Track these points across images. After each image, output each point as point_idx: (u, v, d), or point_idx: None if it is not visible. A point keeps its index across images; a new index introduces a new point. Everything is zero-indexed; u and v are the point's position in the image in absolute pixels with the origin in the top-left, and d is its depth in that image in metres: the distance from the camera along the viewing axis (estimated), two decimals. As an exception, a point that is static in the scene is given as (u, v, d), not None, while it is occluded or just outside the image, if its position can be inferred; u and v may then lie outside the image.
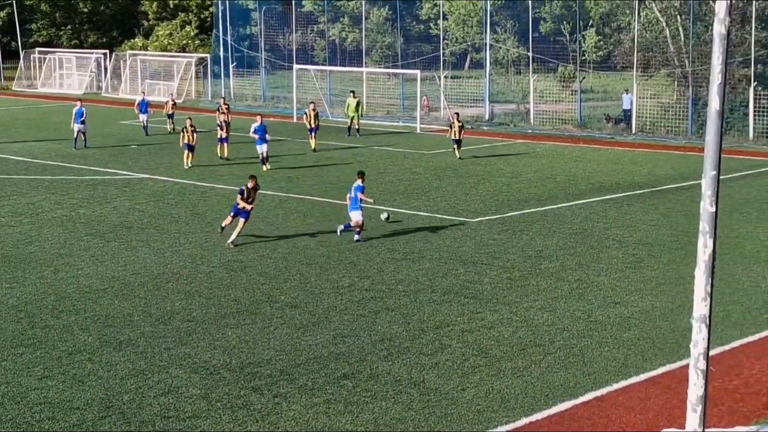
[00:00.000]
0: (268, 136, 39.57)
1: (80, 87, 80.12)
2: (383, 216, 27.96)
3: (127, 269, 23.83)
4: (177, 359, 17.38)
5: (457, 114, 44.30)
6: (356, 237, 26.85)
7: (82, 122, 46.05)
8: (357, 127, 51.46)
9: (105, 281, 22.72)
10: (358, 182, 27.04)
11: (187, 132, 40.04)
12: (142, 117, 51.86)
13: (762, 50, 49.14)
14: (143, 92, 60.55)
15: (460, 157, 41.78)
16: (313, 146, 45.57)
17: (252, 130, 39.98)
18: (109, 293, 21.72)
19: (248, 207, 26.64)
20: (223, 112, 46.93)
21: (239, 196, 26.68)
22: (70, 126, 46.75)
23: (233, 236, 26.24)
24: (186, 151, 40.09)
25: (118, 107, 67.59)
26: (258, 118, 40.63)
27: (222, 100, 51.46)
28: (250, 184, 26.86)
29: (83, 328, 19.26)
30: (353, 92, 53.89)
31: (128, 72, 77.44)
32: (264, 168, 38.94)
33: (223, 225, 27.08)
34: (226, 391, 15.87)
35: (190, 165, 39.85)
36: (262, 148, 39.47)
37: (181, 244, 26.60)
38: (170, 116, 53.06)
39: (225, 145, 42.64)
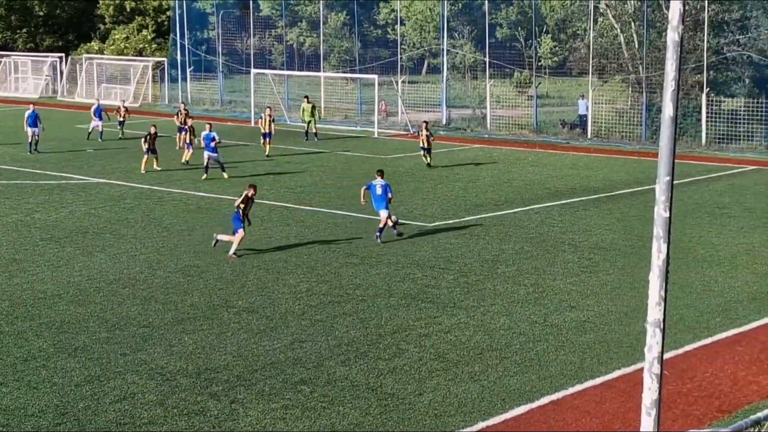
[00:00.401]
0: (212, 144, 38.75)
1: (36, 91, 79.49)
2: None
3: (83, 275, 23.70)
4: (133, 365, 17.31)
5: (426, 123, 43.11)
6: (379, 237, 27.27)
7: (36, 125, 45.65)
8: (314, 131, 51.48)
9: (60, 287, 22.59)
10: (381, 179, 27.77)
11: (150, 137, 39.97)
12: (98, 123, 50.97)
13: (714, 56, 49.63)
14: (98, 99, 60.00)
15: (428, 164, 41.38)
16: (266, 152, 45.40)
17: (201, 137, 39.70)
18: (65, 299, 21.59)
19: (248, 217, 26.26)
20: (185, 116, 46.55)
21: (241, 204, 26.03)
22: (23, 130, 46.37)
23: (233, 248, 25.73)
24: (147, 156, 39.85)
25: (74, 111, 67.15)
26: (207, 126, 40.14)
27: (183, 105, 51.34)
28: (250, 193, 26.43)
29: (38, 334, 19.14)
30: (307, 97, 53.86)
31: (84, 76, 76.94)
32: (224, 175, 38.69)
33: (218, 238, 26.32)
34: (182, 398, 15.83)
35: (153, 168, 39.51)
36: (210, 155, 38.69)
37: (137, 249, 26.49)
38: (121, 123, 52.23)
39: (189, 150, 42.17)
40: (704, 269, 24.51)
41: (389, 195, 27.56)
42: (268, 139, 45.67)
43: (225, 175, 38.20)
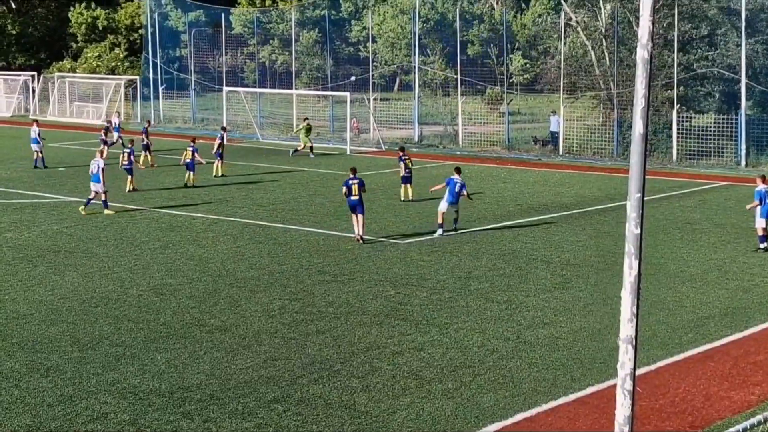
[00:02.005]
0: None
1: (8, 110, 79.15)
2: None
3: (55, 294, 23.58)
4: (106, 385, 17.23)
5: (403, 149, 40.26)
6: (442, 232, 30.42)
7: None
8: (310, 145, 52.07)
9: (32, 306, 22.47)
10: (459, 177, 31.29)
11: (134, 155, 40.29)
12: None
13: (684, 73, 49.97)
14: (148, 121, 57.84)
15: (403, 199, 37.66)
16: (219, 172, 44.50)
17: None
18: (37, 318, 21.48)
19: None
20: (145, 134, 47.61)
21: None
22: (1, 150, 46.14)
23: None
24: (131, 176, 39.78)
25: (46, 129, 66.76)
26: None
27: (148, 123, 51.88)
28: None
29: (10, 354, 19.02)
30: (306, 118, 54.46)
31: (56, 94, 76.68)
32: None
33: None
34: (155, 417, 15.76)
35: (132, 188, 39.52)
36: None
37: (109, 267, 26.39)
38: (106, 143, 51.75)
39: (191, 173, 41.91)
40: (676, 285, 24.63)
41: (464, 192, 31.33)
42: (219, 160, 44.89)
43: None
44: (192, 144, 43.03)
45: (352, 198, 29.76)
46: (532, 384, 17.38)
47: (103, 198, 34.66)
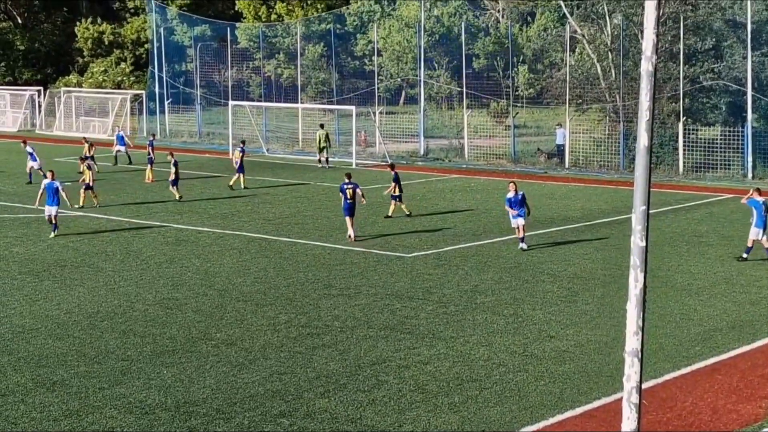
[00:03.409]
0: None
1: (14, 124, 79.33)
2: None
3: (61, 308, 23.58)
4: (112, 399, 17.22)
5: (392, 165, 39.57)
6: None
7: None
8: (326, 157, 53.36)
9: (38, 320, 22.47)
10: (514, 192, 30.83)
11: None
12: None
13: (690, 85, 49.97)
14: (117, 126, 60.11)
15: (387, 216, 36.56)
16: (242, 185, 44.91)
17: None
18: (43, 333, 21.47)
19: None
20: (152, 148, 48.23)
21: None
22: (1, 162, 46.23)
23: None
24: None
25: (52, 144, 66.97)
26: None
27: (152, 137, 52.72)
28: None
29: (16, 368, 19.02)
30: (322, 125, 55.68)
31: (63, 109, 76.84)
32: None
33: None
34: (162, 431, 15.73)
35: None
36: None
37: (115, 282, 26.39)
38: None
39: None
40: (683, 298, 24.58)
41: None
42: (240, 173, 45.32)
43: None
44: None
45: (348, 201, 32.00)
46: (538, 397, 17.34)
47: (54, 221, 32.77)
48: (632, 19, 51.23)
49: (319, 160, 53.30)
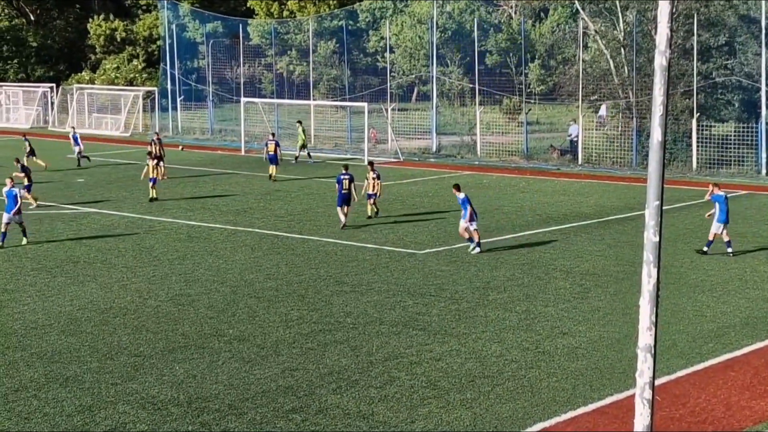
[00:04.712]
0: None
1: (27, 121, 79.49)
2: None
3: (74, 304, 23.62)
4: (124, 395, 17.24)
5: (371, 163, 38.02)
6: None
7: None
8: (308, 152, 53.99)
9: (51, 316, 22.51)
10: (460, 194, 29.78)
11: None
12: (75, 149, 52.37)
13: (703, 81, 49.81)
14: (72, 127, 60.32)
15: (370, 216, 35.76)
16: (272, 175, 46.92)
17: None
18: (56, 329, 21.52)
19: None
20: (159, 146, 48.38)
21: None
22: (14, 160, 46.27)
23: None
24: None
25: (65, 141, 67.06)
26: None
27: (156, 135, 52.95)
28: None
29: (29, 364, 19.06)
30: (299, 122, 56.54)
31: (75, 105, 76.97)
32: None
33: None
34: (174, 427, 15.76)
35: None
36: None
37: (128, 278, 26.43)
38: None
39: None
40: (696, 294, 24.51)
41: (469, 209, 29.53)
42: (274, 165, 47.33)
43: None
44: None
45: (344, 192, 33.70)
46: (551, 394, 17.31)
47: (3, 230, 30.84)
48: (645, 14, 51.07)
49: (296, 157, 53.70)
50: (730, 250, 28.96)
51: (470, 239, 29.74)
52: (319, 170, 50.34)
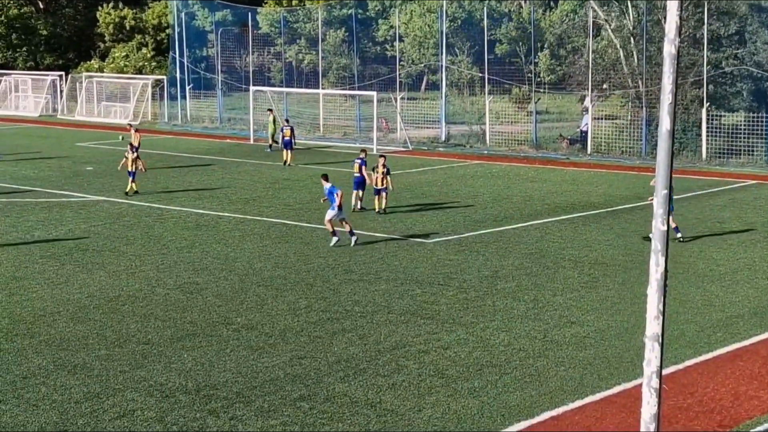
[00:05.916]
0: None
1: (36, 109, 79.58)
2: None
3: (83, 292, 23.67)
4: (132, 382, 17.28)
5: (384, 157, 36.29)
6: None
7: None
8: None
9: (60, 304, 22.55)
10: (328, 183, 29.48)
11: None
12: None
13: (713, 71, 49.68)
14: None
15: (378, 211, 34.62)
16: (286, 161, 47.76)
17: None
18: (64, 316, 21.56)
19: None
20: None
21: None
22: (23, 147, 46.44)
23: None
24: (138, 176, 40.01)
25: (73, 129, 67.19)
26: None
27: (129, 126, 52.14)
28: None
29: (37, 351, 19.10)
30: (270, 110, 57.41)
31: (84, 94, 77.01)
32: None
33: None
34: (182, 414, 15.79)
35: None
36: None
37: (136, 266, 26.47)
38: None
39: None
40: (705, 284, 24.47)
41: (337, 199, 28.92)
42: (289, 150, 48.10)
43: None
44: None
45: (356, 175, 35.01)
46: (558, 383, 17.30)
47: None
48: (655, 3, 50.92)
49: (270, 145, 53.88)
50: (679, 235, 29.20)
51: (334, 233, 28.88)
52: (329, 158, 50.30)
